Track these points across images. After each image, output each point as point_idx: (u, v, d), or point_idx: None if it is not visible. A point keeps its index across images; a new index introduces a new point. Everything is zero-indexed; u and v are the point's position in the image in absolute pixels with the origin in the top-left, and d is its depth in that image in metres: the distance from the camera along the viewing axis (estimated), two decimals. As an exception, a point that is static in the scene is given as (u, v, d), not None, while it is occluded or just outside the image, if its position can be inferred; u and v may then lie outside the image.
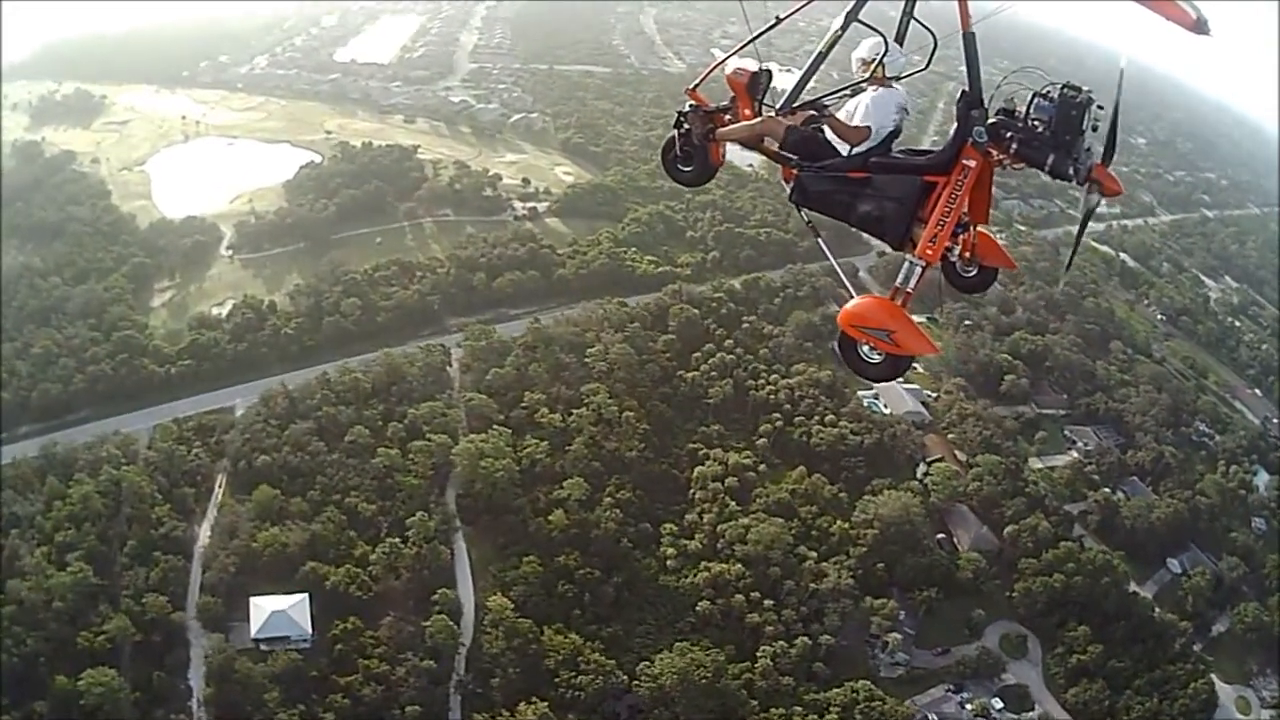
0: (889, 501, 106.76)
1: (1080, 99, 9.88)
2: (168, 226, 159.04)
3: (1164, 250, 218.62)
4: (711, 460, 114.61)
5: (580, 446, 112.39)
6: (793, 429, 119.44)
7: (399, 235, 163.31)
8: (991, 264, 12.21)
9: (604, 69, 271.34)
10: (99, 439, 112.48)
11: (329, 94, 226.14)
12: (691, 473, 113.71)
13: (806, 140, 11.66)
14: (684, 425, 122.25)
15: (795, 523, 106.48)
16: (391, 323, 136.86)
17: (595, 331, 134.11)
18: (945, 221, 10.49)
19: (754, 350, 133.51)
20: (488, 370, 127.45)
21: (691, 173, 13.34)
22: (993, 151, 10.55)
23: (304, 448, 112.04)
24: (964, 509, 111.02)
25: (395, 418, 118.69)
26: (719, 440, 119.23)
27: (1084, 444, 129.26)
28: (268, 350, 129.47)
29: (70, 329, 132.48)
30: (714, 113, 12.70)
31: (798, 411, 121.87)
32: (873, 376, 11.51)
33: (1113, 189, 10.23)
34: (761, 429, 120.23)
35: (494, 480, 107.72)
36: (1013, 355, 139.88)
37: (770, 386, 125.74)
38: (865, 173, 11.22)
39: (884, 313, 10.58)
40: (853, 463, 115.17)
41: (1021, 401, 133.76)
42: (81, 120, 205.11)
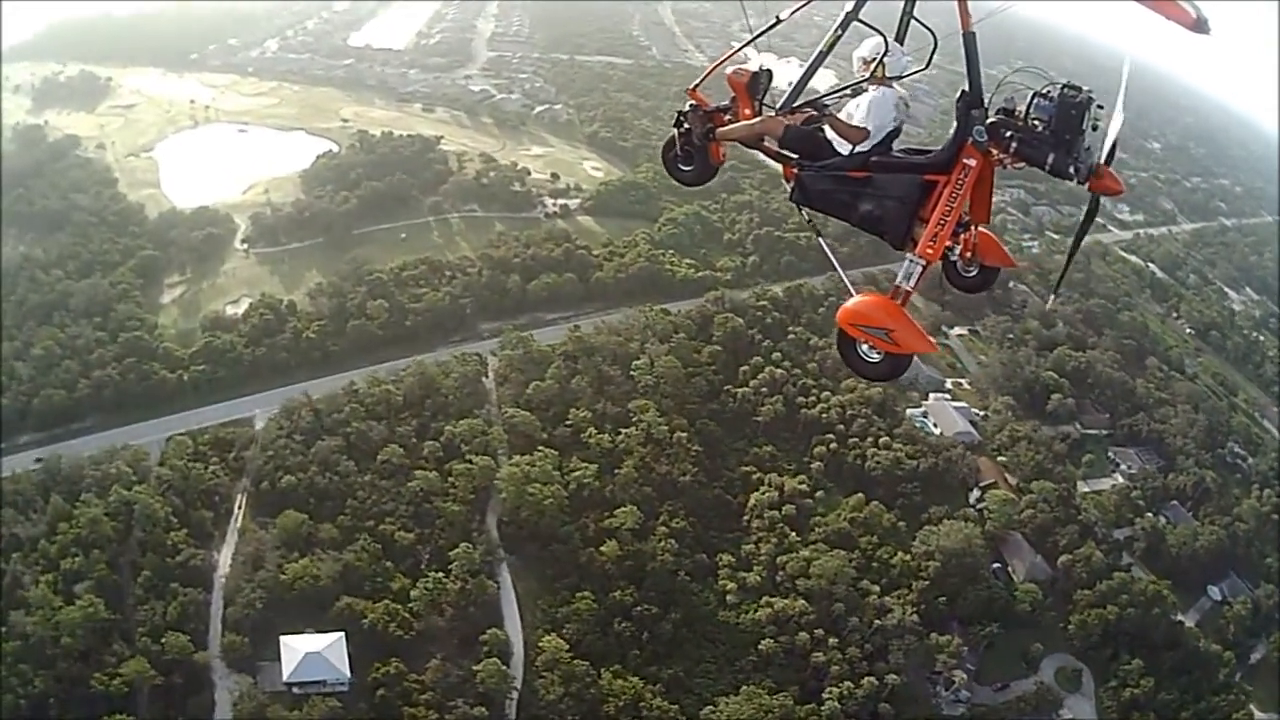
0: (950, 533, 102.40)
1: (1080, 98, 9.83)
2: (178, 217, 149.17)
3: (1189, 261, 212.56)
4: (766, 485, 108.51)
5: (630, 470, 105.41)
6: (846, 451, 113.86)
7: (424, 231, 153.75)
8: (992, 263, 12.07)
9: (625, 60, 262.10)
10: (106, 453, 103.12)
11: (344, 80, 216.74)
12: (745, 498, 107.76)
13: (807, 139, 11.57)
14: (733, 444, 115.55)
15: (856, 554, 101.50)
16: (420, 327, 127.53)
17: (639, 341, 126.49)
18: (946, 221, 10.38)
19: (802, 364, 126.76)
20: (527, 383, 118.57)
21: (692, 172, 13.17)
22: (993, 151, 10.40)
23: (332, 467, 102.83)
24: (1019, 538, 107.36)
25: (430, 435, 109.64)
26: (771, 462, 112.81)
27: (1127, 466, 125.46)
28: (288, 355, 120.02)
29: (74, 327, 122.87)
30: (714, 112, 12.54)
31: (850, 432, 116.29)
32: (872, 376, 11.33)
33: (1113, 188, 10.27)
34: (815, 450, 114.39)
35: (542, 508, 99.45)
36: (1057, 373, 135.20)
37: (822, 404, 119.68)
38: (866, 172, 11.13)
39: (883, 312, 10.46)
40: (909, 489, 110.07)
41: (1066, 421, 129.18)
42: (86, 103, 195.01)
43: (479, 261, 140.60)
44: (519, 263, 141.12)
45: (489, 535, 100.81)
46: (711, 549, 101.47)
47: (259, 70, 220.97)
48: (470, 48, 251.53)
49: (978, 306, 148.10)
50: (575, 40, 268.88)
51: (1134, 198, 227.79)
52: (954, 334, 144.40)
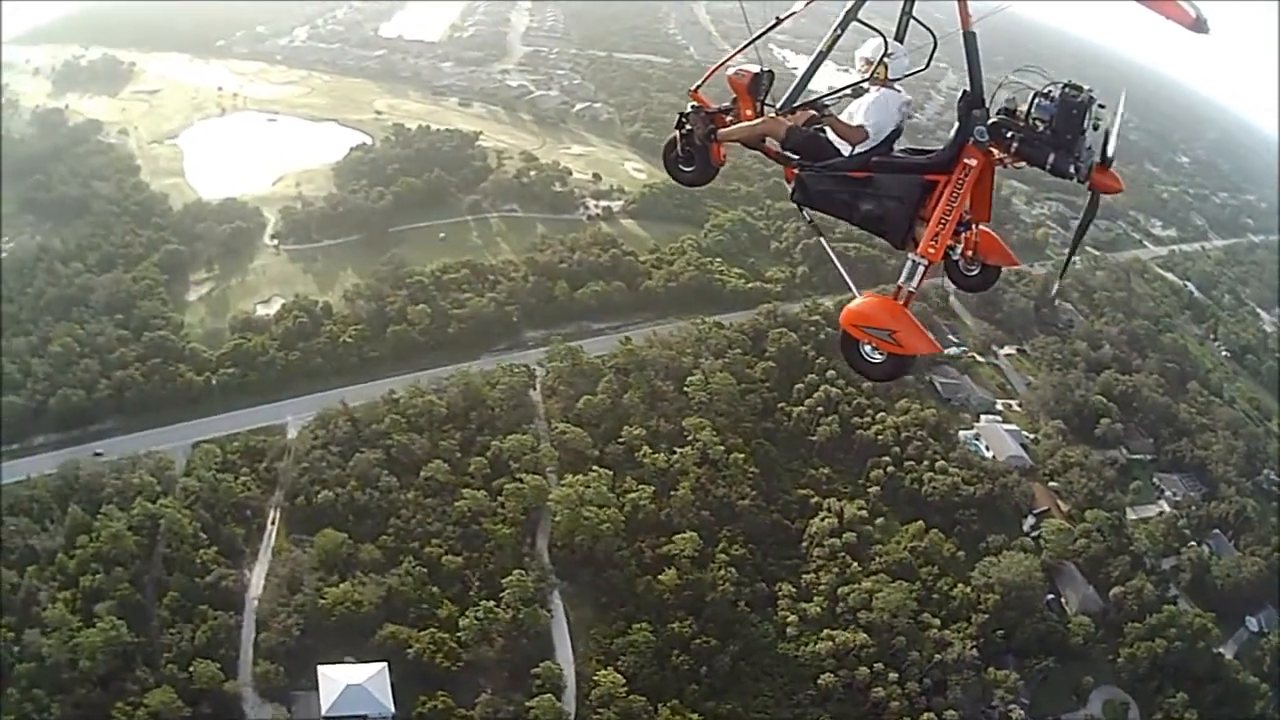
0: (1010, 565, 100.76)
1: (1081, 98, 9.93)
2: (204, 209, 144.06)
3: (1222, 279, 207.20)
4: (825, 511, 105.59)
5: (686, 492, 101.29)
6: (902, 474, 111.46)
7: (463, 231, 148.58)
8: (994, 262, 12.22)
9: (664, 59, 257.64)
10: (129, 459, 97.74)
11: (376, 71, 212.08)
12: (803, 523, 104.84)
13: (808, 140, 11.68)
14: (788, 465, 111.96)
15: (916, 585, 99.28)
16: (463, 334, 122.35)
17: (692, 356, 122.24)
18: (947, 220, 10.49)
19: (856, 382, 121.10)
20: (577, 397, 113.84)
21: (693, 173, 13.40)
22: (994, 150, 10.53)
23: (373, 483, 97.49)
24: (1072, 568, 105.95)
25: (476, 450, 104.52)
26: (828, 485, 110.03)
27: (1172, 493, 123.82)
28: (323, 361, 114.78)
29: (94, 324, 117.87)
30: (716, 114, 12.72)
31: (906, 454, 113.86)
32: (875, 376, 11.48)
33: (1113, 188, 10.61)
34: (872, 474, 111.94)
35: (598, 533, 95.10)
36: (1106, 396, 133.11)
37: (877, 426, 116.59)
38: (867, 172, 11.24)
39: (886, 312, 10.59)
40: (966, 515, 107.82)
41: (1113, 445, 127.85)
42: (108, 88, 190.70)
43: (523, 266, 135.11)
44: (565, 268, 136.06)
45: (540, 560, 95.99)
46: (770, 577, 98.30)
47: (288, 59, 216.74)
48: (505, 42, 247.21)
49: (1025, 326, 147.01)
50: (611, 38, 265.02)
51: (1167, 213, 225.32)
52: (1003, 354, 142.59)
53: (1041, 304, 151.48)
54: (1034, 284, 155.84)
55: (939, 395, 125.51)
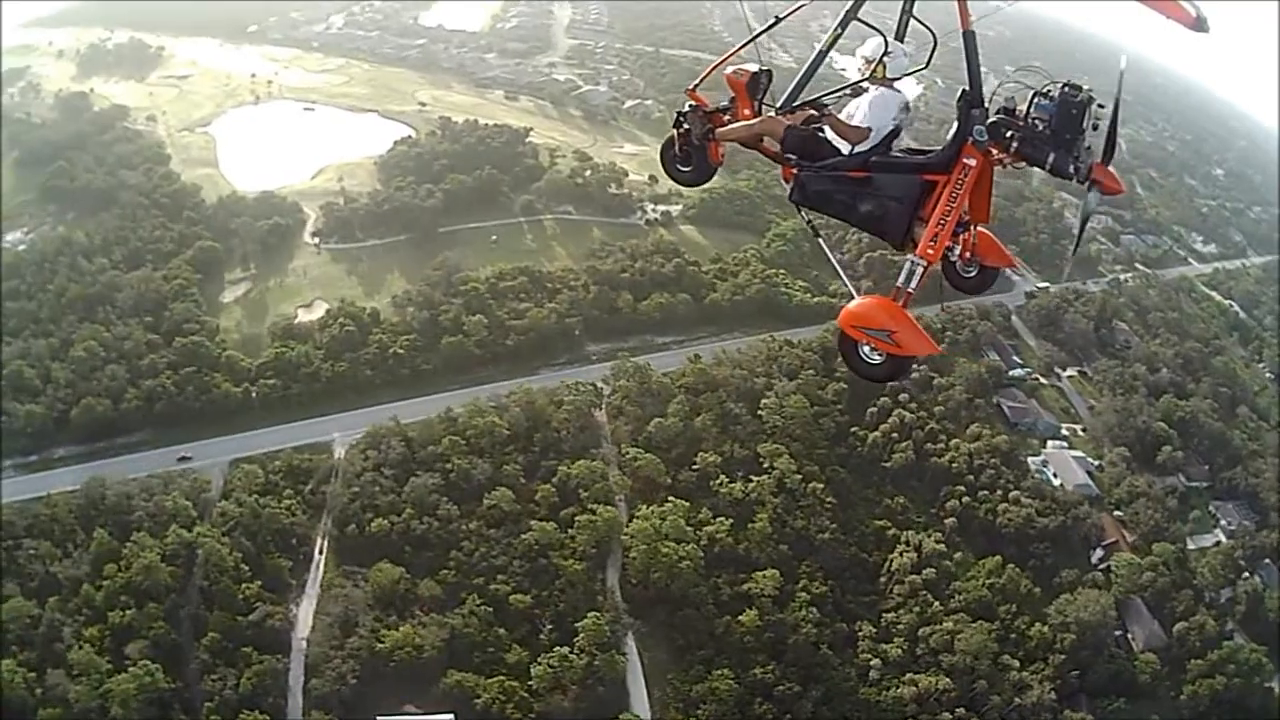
0: (1086, 603, 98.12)
1: (1080, 98, 10.03)
2: (239, 203, 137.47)
3: (1263, 299, 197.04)
4: (904, 545, 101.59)
5: (764, 524, 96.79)
6: (977, 505, 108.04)
7: (515, 233, 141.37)
8: (992, 263, 12.36)
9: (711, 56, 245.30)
10: (160, 478, 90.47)
11: (418, 61, 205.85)
12: (880, 556, 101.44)
13: (806, 140, 11.74)
14: (862, 493, 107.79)
15: (995, 625, 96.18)
16: (523, 347, 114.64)
17: (764, 376, 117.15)
18: (946, 221, 10.60)
19: (927, 405, 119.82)
20: (646, 418, 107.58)
21: (691, 172, 13.54)
22: (993, 150, 10.63)
23: (430, 510, 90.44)
24: (1139, 603, 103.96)
25: (542, 476, 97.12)
26: (903, 515, 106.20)
27: (1227, 522, 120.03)
28: (372, 373, 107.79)
29: (121, 326, 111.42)
30: (713, 113, 12.91)
31: (979, 483, 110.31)
32: (874, 377, 11.52)
33: (1113, 188, 10.33)
34: (947, 505, 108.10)
35: (676, 570, 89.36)
36: (1166, 422, 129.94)
37: (952, 453, 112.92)
38: (865, 172, 11.34)
39: (885, 313, 10.67)
40: (1040, 549, 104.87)
41: (1172, 473, 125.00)
42: (135, 72, 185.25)
43: (584, 275, 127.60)
44: (627, 278, 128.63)
45: (612, 598, 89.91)
46: (849, 615, 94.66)
47: (324, 46, 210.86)
48: (549, 34, 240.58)
49: (1085, 347, 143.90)
50: (657, 33, 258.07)
51: (1207, 228, 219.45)
52: (1065, 375, 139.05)
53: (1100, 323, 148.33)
54: (1091, 303, 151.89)
55: (1007, 420, 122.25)
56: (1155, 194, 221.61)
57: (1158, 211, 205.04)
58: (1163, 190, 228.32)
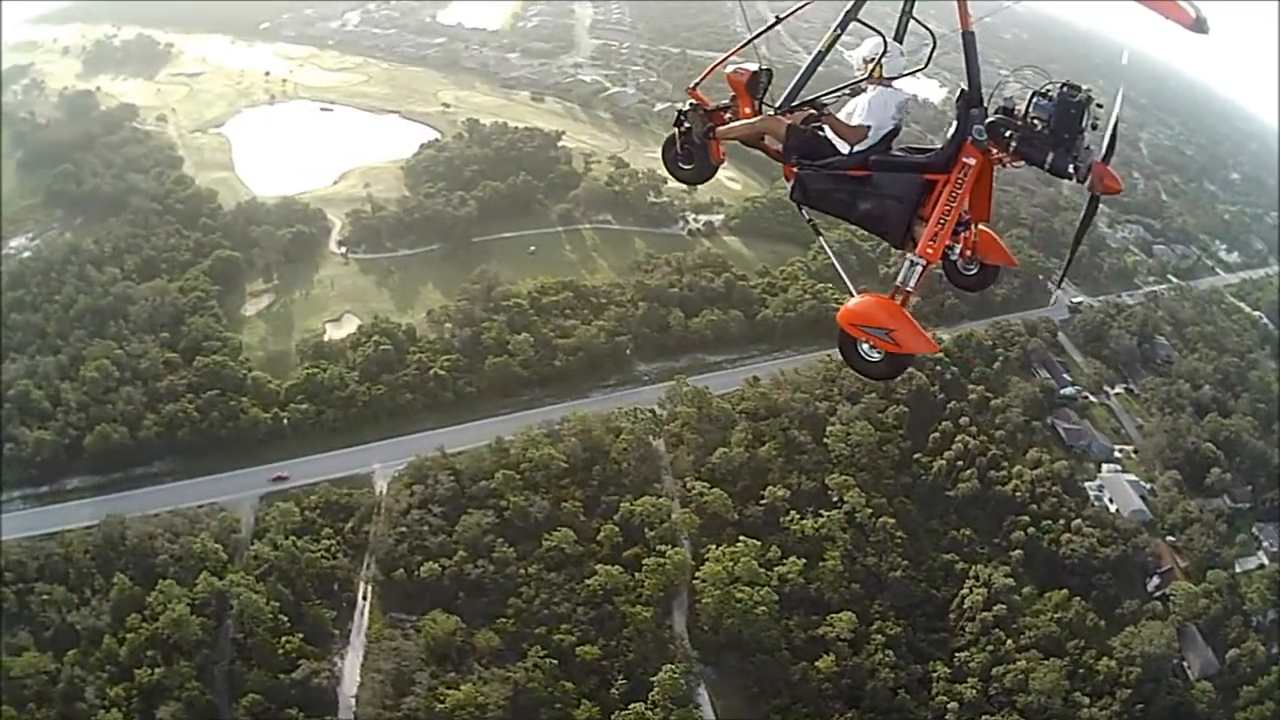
0: (1150, 635, 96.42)
1: (1079, 97, 10.14)
2: (259, 209, 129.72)
3: None
4: (972, 580, 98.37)
5: (835, 562, 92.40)
6: (1040, 535, 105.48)
7: (553, 244, 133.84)
8: (993, 262, 12.42)
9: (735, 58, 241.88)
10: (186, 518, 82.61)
11: (438, 60, 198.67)
12: (948, 591, 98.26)
13: (807, 139, 11.80)
14: (927, 524, 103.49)
15: (1065, 661, 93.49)
16: (571, 368, 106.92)
17: (826, 399, 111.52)
18: (946, 220, 10.70)
19: (987, 429, 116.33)
20: (708, 448, 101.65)
21: (692, 171, 13.54)
22: (992, 149, 10.67)
23: (486, 552, 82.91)
24: (1193, 630, 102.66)
25: (603, 512, 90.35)
26: (969, 547, 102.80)
27: (1269, 544, 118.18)
28: (411, 396, 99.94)
29: (135, 343, 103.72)
30: (714, 111, 12.97)
31: (1042, 511, 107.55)
32: (873, 375, 11.52)
33: (1112, 187, 10.44)
34: (1012, 536, 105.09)
35: (751, 615, 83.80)
36: (1214, 443, 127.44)
37: (1015, 481, 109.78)
38: (865, 171, 11.43)
39: (884, 312, 10.69)
40: (1103, 580, 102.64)
41: (1218, 494, 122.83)
42: (143, 70, 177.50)
43: (631, 290, 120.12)
44: (676, 294, 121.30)
45: (681, 644, 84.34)
46: (923, 656, 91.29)
47: (340, 44, 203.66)
48: (572, 34, 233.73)
49: (1130, 364, 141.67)
50: (681, 33, 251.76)
51: (1231, 236, 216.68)
52: (1114, 394, 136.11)
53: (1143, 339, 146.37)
54: (1133, 318, 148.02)
55: (1063, 442, 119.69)
56: (1180, 201, 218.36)
57: (1184, 220, 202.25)
58: (1186, 197, 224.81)
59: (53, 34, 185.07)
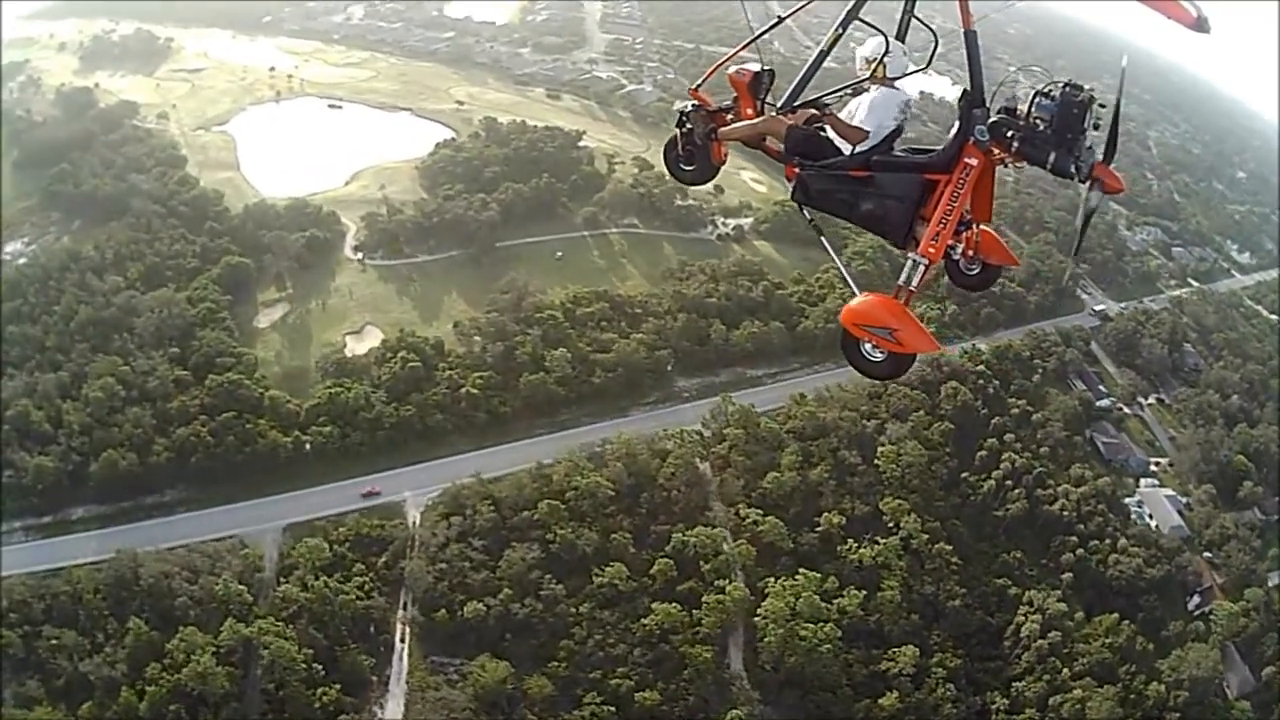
0: (1198, 659, 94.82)
1: (1082, 97, 10.03)
2: (269, 212, 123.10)
3: None
4: (1026, 606, 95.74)
5: (893, 592, 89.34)
6: (1089, 556, 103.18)
7: (580, 249, 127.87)
8: (995, 262, 12.41)
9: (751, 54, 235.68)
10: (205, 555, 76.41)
11: (448, 55, 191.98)
12: (1002, 618, 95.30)
13: (808, 139, 11.78)
14: (976, 545, 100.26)
15: (1118, 687, 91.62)
16: (609, 385, 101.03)
17: (873, 417, 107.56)
18: (947, 220, 10.62)
19: (1031, 446, 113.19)
20: (758, 471, 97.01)
21: (694, 172, 13.53)
22: (994, 150, 10.60)
23: (533, 590, 76.88)
24: (1231, 648, 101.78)
25: (652, 543, 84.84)
26: (1020, 570, 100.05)
27: None
28: (442, 417, 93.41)
29: (142, 358, 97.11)
30: (716, 112, 12.92)
31: (1088, 531, 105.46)
32: (876, 375, 11.42)
33: (1114, 187, 10.31)
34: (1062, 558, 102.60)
35: (815, 653, 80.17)
36: (1244, 454, 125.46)
37: (1061, 500, 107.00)
38: (867, 171, 11.37)
39: (887, 311, 10.60)
40: (1149, 601, 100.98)
41: (1249, 507, 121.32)
42: (143, 66, 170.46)
43: (668, 300, 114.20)
44: (714, 304, 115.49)
45: (740, 684, 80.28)
46: (980, 686, 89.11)
47: (346, 38, 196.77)
48: (583, 29, 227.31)
49: (1161, 373, 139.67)
50: (693, 29, 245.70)
51: (1242, 237, 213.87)
52: (1147, 405, 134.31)
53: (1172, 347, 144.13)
54: (1162, 325, 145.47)
55: (1102, 456, 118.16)
56: (1192, 201, 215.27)
57: (1198, 221, 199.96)
58: (1197, 197, 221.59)
59: (49, 29, 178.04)
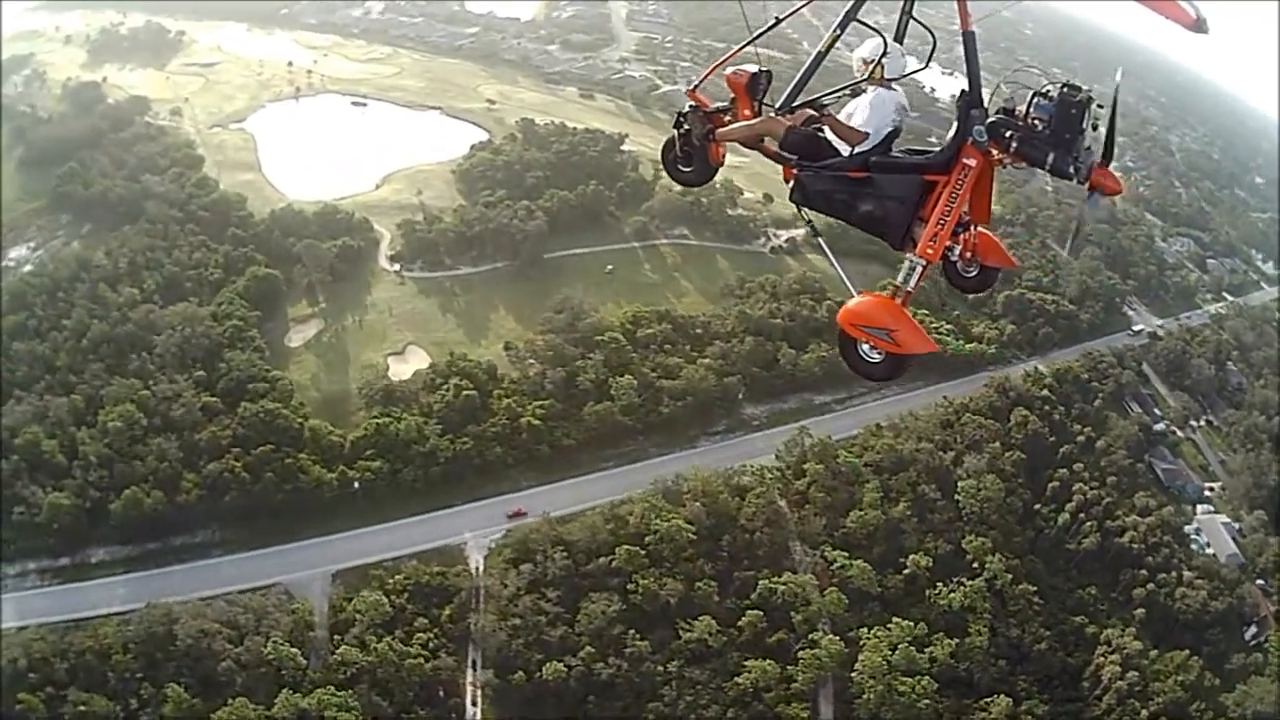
0: (1261, 693, 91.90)
1: (1080, 98, 10.13)
2: (295, 218, 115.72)
3: None
4: (1104, 646, 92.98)
5: (980, 637, 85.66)
6: (1158, 590, 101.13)
7: (630, 261, 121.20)
8: (993, 264, 12.34)
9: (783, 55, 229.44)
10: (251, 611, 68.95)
11: (474, 51, 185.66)
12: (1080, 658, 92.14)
13: (806, 140, 11.77)
14: (1051, 580, 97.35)
15: None
16: (678, 415, 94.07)
17: (947, 448, 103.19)
18: (946, 221, 10.64)
19: (1097, 474, 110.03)
20: (839, 509, 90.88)
21: (691, 173, 13.44)
22: (993, 150, 10.69)
23: (615, 646, 69.64)
24: None
25: (736, 590, 78.98)
26: (1095, 607, 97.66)
27: None
28: (502, 450, 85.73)
29: (165, 382, 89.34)
30: (713, 113, 12.86)
31: (1156, 563, 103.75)
32: (873, 376, 11.38)
33: (1112, 188, 10.46)
34: (1134, 592, 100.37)
35: (914, 709, 76.32)
36: None
37: (1132, 533, 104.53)
38: (865, 172, 11.40)
39: (884, 312, 10.61)
40: (1214, 635, 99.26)
41: None
42: (154, 59, 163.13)
43: (733, 320, 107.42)
44: (778, 325, 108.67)
45: None
46: None
47: (366, 32, 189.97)
48: (610, 26, 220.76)
49: (1209, 394, 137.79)
50: (721, 28, 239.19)
51: (1267, 246, 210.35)
52: (1198, 427, 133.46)
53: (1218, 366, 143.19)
54: (1208, 345, 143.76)
55: (1161, 483, 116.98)
56: (1219, 210, 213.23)
57: (1227, 231, 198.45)
58: (1223, 205, 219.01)
59: (54, 21, 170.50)
